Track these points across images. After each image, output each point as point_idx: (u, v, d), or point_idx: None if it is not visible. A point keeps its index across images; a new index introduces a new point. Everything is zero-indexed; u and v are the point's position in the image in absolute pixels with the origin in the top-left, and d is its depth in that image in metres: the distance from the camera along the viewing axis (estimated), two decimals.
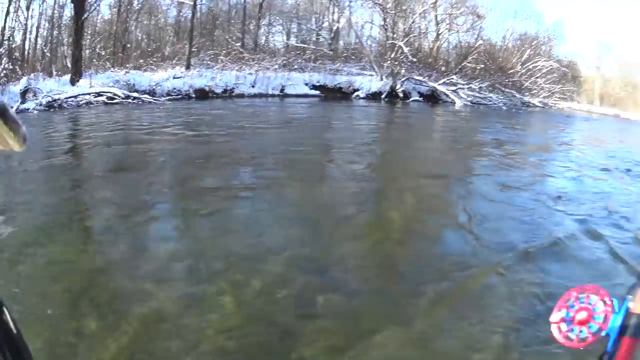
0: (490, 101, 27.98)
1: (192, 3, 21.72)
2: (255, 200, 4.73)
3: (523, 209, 5.16)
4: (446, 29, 31.22)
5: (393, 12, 25.53)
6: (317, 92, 21.38)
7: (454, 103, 24.83)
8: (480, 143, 10.40)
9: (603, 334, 0.49)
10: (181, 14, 24.19)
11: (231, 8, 25.04)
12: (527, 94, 35.03)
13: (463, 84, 26.78)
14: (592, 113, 46.40)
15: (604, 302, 0.50)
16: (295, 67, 22.33)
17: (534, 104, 34.61)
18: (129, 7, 20.73)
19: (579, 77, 55.01)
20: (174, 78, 16.33)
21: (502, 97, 29.63)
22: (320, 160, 6.97)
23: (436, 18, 30.41)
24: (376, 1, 26.33)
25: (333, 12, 28.19)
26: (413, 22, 27.55)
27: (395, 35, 25.35)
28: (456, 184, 6.43)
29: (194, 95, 15.85)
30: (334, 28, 28.31)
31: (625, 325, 0.48)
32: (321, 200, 4.95)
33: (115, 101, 13.11)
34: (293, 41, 27.83)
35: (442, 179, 6.56)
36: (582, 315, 0.50)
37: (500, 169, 7.35)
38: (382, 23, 26.42)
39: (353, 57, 28.16)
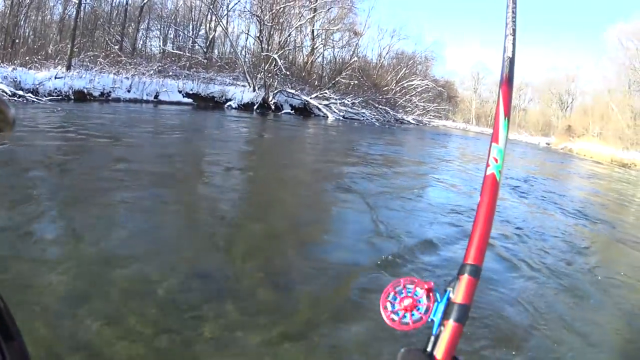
0: (363, 117, 33.17)
1: (77, 1, 23.39)
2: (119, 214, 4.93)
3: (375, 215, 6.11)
4: (321, 44, 36.52)
5: (270, 24, 29.43)
6: (190, 100, 23.89)
7: (326, 117, 29.20)
8: (349, 155, 12.03)
9: (429, 320, 0.66)
10: (66, 11, 25.73)
11: (113, 9, 27.24)
12: (400, 111, 41.66)
13: (336, 99, 31.52)
14: (469, 131, 56.32)
15: (427, 294, 0.68)
16: (170, 73, 25.00)
17: (407, 121, 41.59)
18: (20, 0, 22.59)
19: (456, 96, 65.80)
20: (56, 78, 17.90)
21: (375, 113, 35.26)
22: (192, 173, 7.48)
23: (313, 33, 35.61)
24: (254, 12, 30.30)
25: (210, 21, 31.60)
26: (289, 36, 32.02)
27: (270, 48, 29.20)
28: (327, 195, 7.28)
29: (72, 97, 17.50)
30: (210, 37, 31.59)
31: (447, 312, 0.66)
32: (189, 213, 5.33)
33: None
34: (169, 47, 30.51)
35: (310, 190, 7.48)
36: (407, 302, 0.68)
37: (370, 180, 8.60)
38: (258, 34, 30.28)
39: (227, 66, 31.61)
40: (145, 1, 27.38)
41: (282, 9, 30.13)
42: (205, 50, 31.46)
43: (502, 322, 3.79)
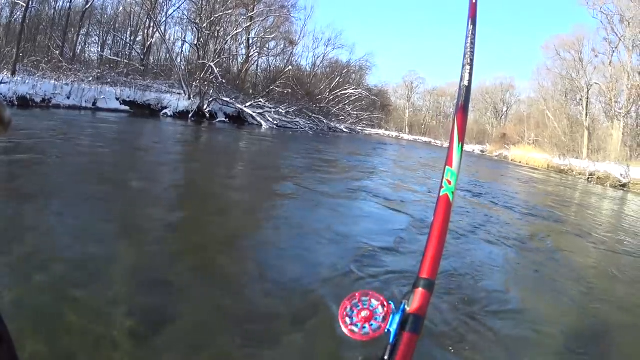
0: (297, 125, 35.19)
1: (25, 4, 23.41)
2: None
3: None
4: (256, 52, 38.43)
5: (207, 32, 30.71)
6: (127, 108, 23.92)
7: (260, 125, 30.72)
8: (280, 166, 12.48)
9: (385, 330, 0.72)
10: (13, 15, 25.56)
11: (55, 13, 27.32)
12: (334, 119, 44.34)
13: (270, 108, 33.27)
14: (402, 140, 59.62)
15: (383, 305, 0.74)
16: (109, 80, 25.39)
17: (340, 129, 44.14)
18: None
19: (389, 105, 69.55)
20: (2, 83, 18.13)
21: (309, 122, 37.65)
22: (126, 182, 7.35)
23: (248, 41, 37.44)
24: (192, 20, 31.63)
25: (148, 27, 32.35)
26: (225, 44, 33.56)
27: (206, 55, 30.42)
28: (267, 203, 7.50)
29: (16, 103, 17.54)
30: (148, 43, 32.43)
31: (403, 323, 0.72)
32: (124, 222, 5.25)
33: None
34: (107, 53, 31.07)
35: (240, 199, 7.62)
36: (364, 314, 0.73)
37: (307, 189, 8.83)
38: (195, 42, 31.66)
39: (163, 74, 32.58)
40: (87, 6, 27.94)
41: (220, 16, 31.31)
42: (142, 57, 32.21)
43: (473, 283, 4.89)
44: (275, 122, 32.87)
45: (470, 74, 0.96)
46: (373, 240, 5.85)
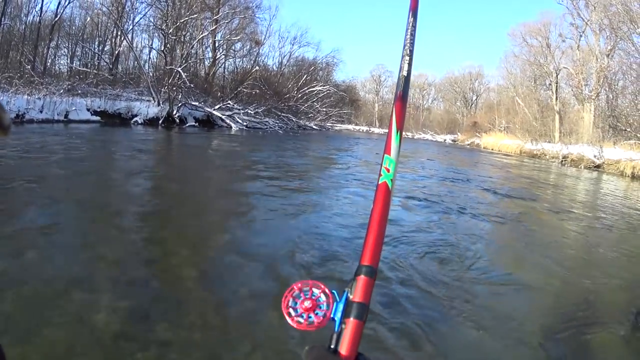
0: (267, 125, 36.03)
1: None
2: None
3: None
4: (223, 54, 39.29)
5: (174, 37, 31.37)
6: (98, 118, 24.41)
7: (230, 128, 31.49)
8: (252, 167, 12.64)
9: (331, 317, 0.74)
10: None
11: (26, 28, 27.52)
12: (303, 117, 45.29)
13: (239, 109, 34.07)
14: (373, 134, 59.84)
15: (325, 294, 0.75)
16: (79, 92, 25.41)
17: (310, 126, 45.13)
18: None
19: (358, 100, 70.22)
20: None
21: (278, 121, 38.45)
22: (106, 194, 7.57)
23: (214, 44, 38.27)
24: (159, 26, 32.25)
25: (116, 36, 32.85)
26: (192, 48, 34.36)
27: (173, 61, 31.08)
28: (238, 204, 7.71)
29: None
30: (116, 52, 32.89)
31: (347, 311, 0.74)
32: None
33: None
34: (77, 64, 31.44)
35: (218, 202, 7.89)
36: (307, 304, 0.74)
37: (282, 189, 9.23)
38: (162, 48, 32.42)
39: (132, 82, 32.80)
40: (56, 18, 28.27)
41: (185, 21, 32.01)
42: (110, 66, 32.64)
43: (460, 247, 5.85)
44: (245, 124, 33.67)
45: (410, 65, 0.99)
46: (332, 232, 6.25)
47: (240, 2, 38.67)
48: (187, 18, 32.03)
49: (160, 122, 27.61)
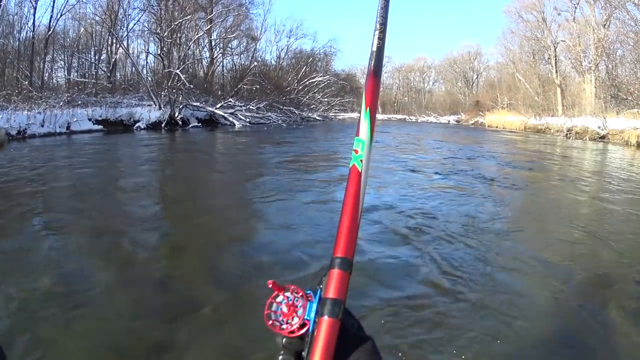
0: (270, 120, 36.20)
1: None
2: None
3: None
4: (220, 53, 39.19)
5: (169, 40, 31.38)
6: (100, 127, 24.36)
7: (234, 125, 31.64)
8: (260, 163, 13.03)
9: (304, 319, 0.70)
10: None
11: (20, 44, 27.56)
12: (305, 109, 45.37)
13: (240, 106, 34.17)
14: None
15: (302, 297, 0.73)
16: (79, 102, 25.61)
17: (314, 118, 45.19)
18: None
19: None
20: None
21: (281, 115, 38.51)
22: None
23: (211, 43, 38.30)
24: (153, 30, 32.25)
25: (111, 44, 32.79)
26: (188, 49, 34.31)
27: (171, 64, 30.99)
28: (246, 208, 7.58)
29: None
30: (113, 60, 32.79)
31: (320, 309, 0.70)
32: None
33: None
34: (74, 76, 31.34)
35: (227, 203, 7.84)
36: (285, 310, 0.72)
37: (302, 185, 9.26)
38: (159, 52, 32.28)
39: (131, 88, 33.04)
40: (50, 32, 28.23)
41: (179, 23, 31.95)
42: (109, 74, 32.61)
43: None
44: (248, 120, 33.74)
45: (381, 39, 0.94)
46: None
47: (233, 0, 38.59)
48: (181, 20, 31.93)
49: (163, 125, 27.60)
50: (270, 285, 0.74)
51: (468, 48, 70.35)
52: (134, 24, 33.82)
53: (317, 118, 46.02)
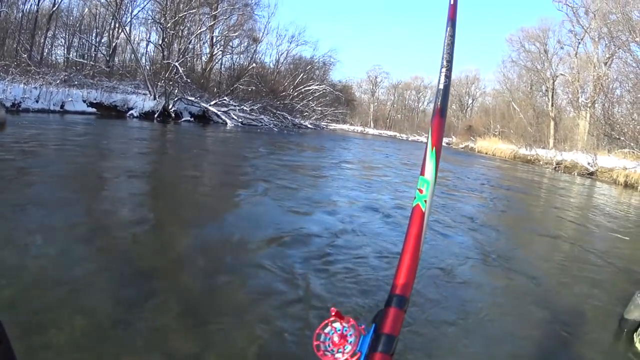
0: (262, 122, 36.16)
1: None
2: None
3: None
4: (220, 50, 39.45)
5: (172, 32, 31.49)
6: (94, 110, 24.42)
7: (226, 124, 31.64)
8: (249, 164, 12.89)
9: (356, 350, 0.72)
10: None
11: (24, 17, 27.60)
12: (298, 116, 45.55)
13: (235, 106, 34.15)
14: (367, 134, 60.38)
15: (354, 327, 0.74)
16: (76, 83, 25.50)
17: (305, 125, 45.31)
18: None
19: (354, 100, 70.39)
20: None
21: (273, 119, 38.56)
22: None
23: (212, 40, 38.50)
24: (157, 20, 32.40)
25: (113, 28, 32.92)
26: (189, 43, 34.54)
27: (170, 55, 31.15)
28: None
29: None
30: (113, 44, 32.98)
31: (374, 344, 0.71)
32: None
33: None
34: (74, 55, 31.44)
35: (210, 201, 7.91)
36: (336, 339, 0.73)
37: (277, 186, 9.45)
38: (160, 42, 32.43)
39: (128, 75, 33.20)
40: (54, 8, 28.37)
41: (184, 16, 32.15)
42: (107, 58, 32.70)
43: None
44: (240, 120, 33.80)
45: (447, 77, 0.95)
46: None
47: None
48: (185, 13, 32.11)
49: (156, 115, 27.69)
50: (334, 313, 0.77)
51: (467, 72, 70.87)
52: (139, 11, 33.93)
53: (309, 126, 46.25)
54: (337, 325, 0.76)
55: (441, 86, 0.96)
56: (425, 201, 0.85)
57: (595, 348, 3.89)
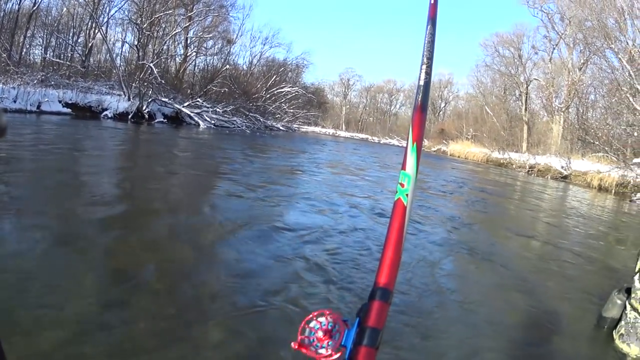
0: (234, 124, 36.69)
1: None
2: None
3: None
4: (194, 51, 39.89)
5: (148, 32, 31.81)
6: (69, 110, 24.11)
7: (198, 125, 31.95)
8: (219, 167, 12.90)
9: (341, 345, 0.72)
10: None
11: (5, 16, 27.38)
12: (270, 118, 46.11)
13: (207, 107, 34.56)
14: (339, 137, 61.60)
15: (338, 323, 0.75)
16: (52, 83, 25.36)
17: (277, 127, 45.95)
18: None
19: (326, 102, 71.01)
20: None
21: (246, 121, 39.17)
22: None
23: (186, 41, 39.00)
24: (134, 20, 32.47)
25: (90, 28, 32.84)
26: (164, 44, 34.96)
27: (145, 56, 31.43)
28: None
29: None
30: (90, 44, 32.99)
31: (359, 338, 0.72)
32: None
33: None
34: (50, 55, 31.29)
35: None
36: (320, 334, 0.73)
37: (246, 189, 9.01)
38: (135, 42, 32.64)
39: (103, 75, 33.24)
40: (34, 8, 28.38)
41: (160, 17, 32.57)
42: (83, 58, 32.76)
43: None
44: (213, 122, 34.11)
45: (428, 73, 0.96)
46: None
47: (215, 0, 39.41)
48: (161, 14, 32.57)
49: (129, 117, 27.83)
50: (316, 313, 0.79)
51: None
52: (116, 11, 33.93)
53: (281, 128, 46.83)
54: (322, 319, 0.78)
55: (422, 82, 0.98)
56: (407, 195, 0.87)
57: (577, 341, 4.06)
